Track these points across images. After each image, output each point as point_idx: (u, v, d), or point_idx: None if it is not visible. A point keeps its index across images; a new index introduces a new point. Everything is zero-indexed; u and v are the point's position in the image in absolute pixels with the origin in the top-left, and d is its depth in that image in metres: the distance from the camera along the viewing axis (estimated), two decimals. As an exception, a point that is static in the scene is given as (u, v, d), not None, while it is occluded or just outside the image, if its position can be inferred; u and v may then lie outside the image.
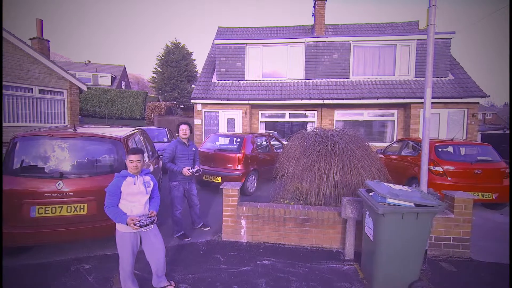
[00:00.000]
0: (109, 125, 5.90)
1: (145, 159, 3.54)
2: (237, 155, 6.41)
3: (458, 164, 5.61)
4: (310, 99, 10.49)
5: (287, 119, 11.48)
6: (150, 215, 2.67)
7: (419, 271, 3.07)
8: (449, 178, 5.53)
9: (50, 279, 3.11)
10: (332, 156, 4.61)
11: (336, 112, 11.07)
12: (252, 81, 11.54)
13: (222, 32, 15.38)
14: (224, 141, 7.37)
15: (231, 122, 11.38)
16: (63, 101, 10.76)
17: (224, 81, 11.67)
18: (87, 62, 36.88)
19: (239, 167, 6.36)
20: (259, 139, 7.44)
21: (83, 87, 11.38)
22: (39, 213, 3.10)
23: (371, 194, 3.19)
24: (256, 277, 3.29)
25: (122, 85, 36.56)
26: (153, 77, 27.10)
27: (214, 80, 11.84)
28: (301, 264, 3.58)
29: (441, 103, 10.01)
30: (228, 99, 10.84)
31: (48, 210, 3.11)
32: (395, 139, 10.14)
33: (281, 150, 7.24)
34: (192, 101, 11.26)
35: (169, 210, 4.41)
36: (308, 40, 11.20)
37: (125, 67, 38.33)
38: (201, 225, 4.58)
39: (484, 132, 15.80)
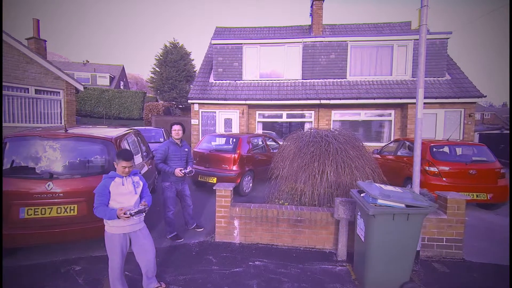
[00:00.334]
0: (106, 125, 5.88)
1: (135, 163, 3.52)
2: (232, 155, 6.40)
3: (453, 164, 5.60)
4: (307, 99, 10.48)
5: (284, 119, 11.47)
6: (141, 205, 2.66)
7: (410, 272, 3.07)
8: (444, 179, 5.52)
9: (39, 281, 3.09)
10: (326, 157, 4.59)
11: (333, 112, 11.06)
12: (249, 81, 11.52)
13: (219, 32, 15.35)
14: (219, 142, 7.36)
15: (228, 122, 11.36)
16: (60, 101, 10.72)
17: (221, 81, 11.65)
18: (85, 62, 36.79)
19: (234, 168, 6.35)
20: (255, 139, 7.43)
21: (80, 87, 11.34)
22: (28, 215, 3.08)
23: (362, 195, 3.17)
24: (247, 278, 3.27)
25: (121, 85, 36.49)
26: (151, 77, 27.06)
27: (211, 80, 11.82)
28: (293, 265, 3.57)
29: (437, 103, 10.01)
30: (225, 99, 10.83)
31: (37, 211, 3.09)
32: (392, 139, 10.13)
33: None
34: (189, 101, 11.24)
35: (162, 211, 4.40)
36: (305, 40, 11.19)
37: (123, 67, 38.25)
38: (194, 226, 4.56)
39: (482, 132, 15.84)
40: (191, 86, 22.89)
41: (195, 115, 11.32)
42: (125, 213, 2.48)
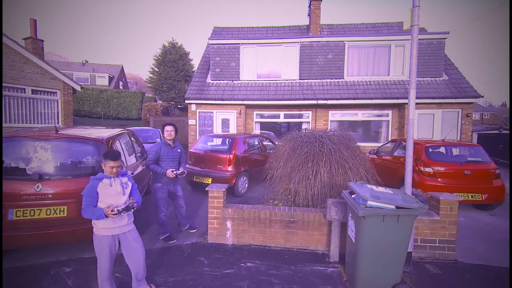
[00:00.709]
0: (104, 126, 5.85)
1: (124, 163, 3.49)
2: (227, 156, 6.38)
3: (448, 165, 5.58)
4: (305, 99, 10.46)
5: (281, 119, 11.46)
6: (130, 201, 2.65)
7: (401, 273, 3.05)
8: (439, 179, 5.50)
9: (29, 283, 3.07)
10: (320, 157, 4.58)
11: (330, 112, 11.04)
12: (247, 81, 11.51)
13: (217, 32, 15.33)
14: (215, 142, 7.34)
15: (225, 123, 11.34)
16: (57, 101, 10.70)
17: (218, 81, 11.63)
18: (84, 62, 36.79)
19: (229, 168, 6.33)
20: (251, 139, 7.41)
21: (77, 87, 11.33)
22: (17, 216, 3.06)
23: (353, 196, 3.16)
24: (238, 280, 3.26)
25: (120, 85, 36.48)
26: (150, 77, 27.04)
27: (209, 80, 11.80)
28: (285, 267, 3.55)
29: (435, 103, 10.00)
30: (223, 99, 10.81)
31: (26, 213, 3.07)
32: (389, 140, 10.12)
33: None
34: (186, 101, 11.22)
35: (154, 212, 4.38)
36: (303, 40, 11.17)
37: (122, 67, 38.23)
38: (187, 227, 4.54)
39: (481, 132, 15.80)
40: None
41: (192, 116, 11.31)
42: (112, 210, 2.47)
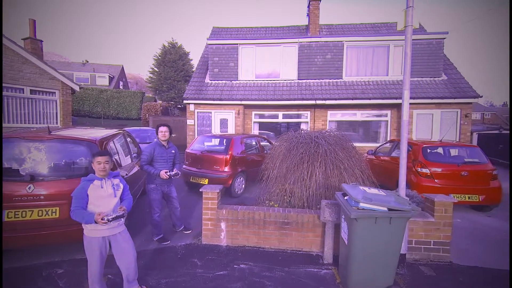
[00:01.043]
0: (104, 126, 5.85)
1: (114, 161, 3.47)
2: (224, 156, 6.37)
3: (445, 166, 5.55)
4: (303, 99, 10.44)
5: (280, 119, 11.44)
6: (119, 210, 2.63)
7: (394, 275, 3.04)
8: (436, 180, 5.48)
9: (19, 284, 3.06)
10: (315, 158, 4.56)
11: (329, 112, 11.01)
12: (245, 82, 11.49)
13: (217, 32, 15.32)
14: (212, 142, 7.32)
15: (224, 123, 11.33)
16: (55, 101, 10.71)
17: (217, 81, 11.62)
18: (84, 62, 36.84)
19: (226, 169, 6.32)
20: (248, 140, 7.40)
21: (76, 87, 11.33)
22: (8, 217, 3.05)
23: (346, 198, 3.14)
24: (231, 281, 3.24)
25: (120, 85, 36.51)
26: (150, 77, 27.04)
27: (207, 80, 11.79)
28: (278, 268, 3.53)
29: (434, 103, 9.96)
30: (221, 99, 10.80)
31: (18, 214, 3.07)
32: (388, 140, 10.08)
33: (270, 152, 7.18)
34: (185, 102, 11.22)
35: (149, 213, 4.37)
36: (301, 40, 11.15)
37: (123, 67, 38.25)
38: (182, 228, 4.53)
39: (481, 133, 15.72)
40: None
41: (190, 116, 11.30)
42: (102, 219, 2.45)
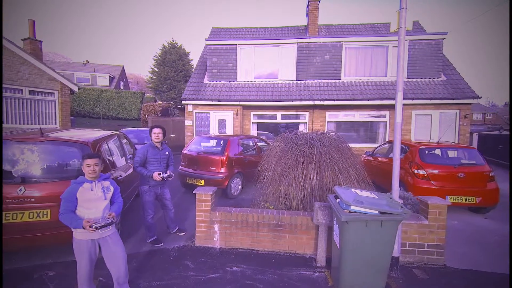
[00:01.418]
0: (104, 127, 5.84)
1: (106, 163, 3.45)
2: (220, 157, 6.35)
3: (441, 167, 5.52)
4: (301, 100, 10.41)
5: (278, 120, 11.41)
6: (107, 216, 2.61)
7: (385, 278, 3.01)
8: (432, 182, 5.44)
9: (10, 287, 3.06)
10: (310, 160, 4.54)
11: (327, 113, 10.98)
12: (244, 82, 11.48)
13: (216, 33, 15.31)
14: (208, 143, 7.31)
15: (222, 123, 11.32)
16: (54, 102, 10.73)
17: (215, 82, 11.61)
18: (85, 62, 36.92)
19: (222, 170, 6.30)
20: (245, 141, 7.38)
21: (75, 88, 11.35)
22: (-1, 220, 3.05)
23: (337, 201, 3.12)
24: (223, 284, 3.23)
25: (121, 85, 36.56)
26: (150, 77, 27.05)
27: (206, 81, 11.79)
28: (271, 271, 3.52)
29: (432, 104, 9.92)
30: (219, 100, 10.78)
31: (8, 216, 3.06)
32: (387, 141, 10.04)
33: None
34: (183, 102, 11.21)
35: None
36: (300, 40, 11.12)
37: (123, 67, 38.31)
38: (176, 230, 4.52)
39: (481, 133, 15.65)
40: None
41: (189, 116, 11.30)
42: (90, 226, 2.44)
